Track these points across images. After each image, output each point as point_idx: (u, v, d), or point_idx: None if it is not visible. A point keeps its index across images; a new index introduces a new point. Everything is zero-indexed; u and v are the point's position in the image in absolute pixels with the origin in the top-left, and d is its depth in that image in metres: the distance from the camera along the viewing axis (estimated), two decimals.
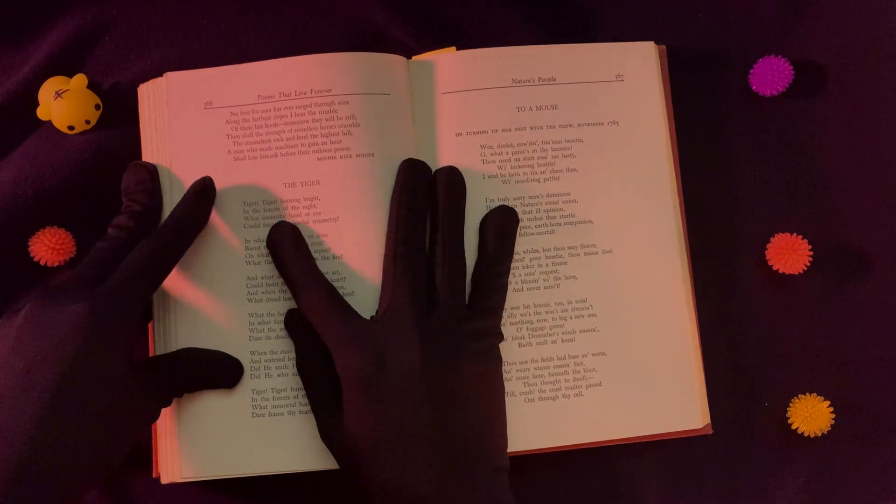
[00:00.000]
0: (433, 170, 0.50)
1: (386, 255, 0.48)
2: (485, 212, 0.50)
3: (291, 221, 0.49)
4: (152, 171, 0.49)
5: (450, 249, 0.48)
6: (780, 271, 0.53)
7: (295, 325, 0.48)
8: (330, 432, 0.46)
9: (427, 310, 0.46)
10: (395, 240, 0.47)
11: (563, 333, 0.50)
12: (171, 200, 0.49)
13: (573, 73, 0.52)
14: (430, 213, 0.49)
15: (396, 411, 0.44)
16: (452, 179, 0.49)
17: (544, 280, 0.50)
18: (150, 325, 0.50)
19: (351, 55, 0.50)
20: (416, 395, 0.44)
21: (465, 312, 0.47)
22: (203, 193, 0.48)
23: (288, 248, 0.47)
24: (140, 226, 0.47)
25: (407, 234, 0.47)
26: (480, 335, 0.47)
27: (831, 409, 0.51)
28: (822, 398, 0.52)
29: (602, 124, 0.52)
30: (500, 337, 0.48)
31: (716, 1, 0.57)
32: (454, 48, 0.53)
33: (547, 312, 0.50)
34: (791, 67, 0.54)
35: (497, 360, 0.47)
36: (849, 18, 0.56)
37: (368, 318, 0.47)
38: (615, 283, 0.51)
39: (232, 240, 0.49)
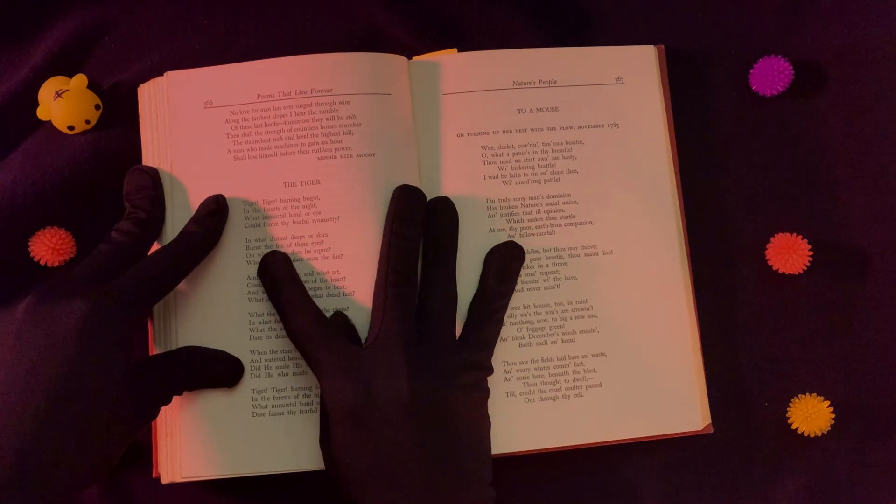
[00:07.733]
0: (431, 174, 0.50)
1: (377, 282, 0.47)
2: (485, 215, 0.50)
3: (291, 220, 0.49)
4: (154, 176, 0.49)
5: (442, 280, 0.48)
6: (780, 271, 0.53)
7: None
8: (324, 447, 0.45)
9: (417, 339, 0.45)
10: (387, 267, 0.47)
11: (563, 334, 0.50)
12: (171, 201, 0.49)
13: (574, 75, 0.52)
14: (423, 241, 0.48)
15: (383, 441, 0.43)
16: (446, 210, 0.49)
17: (544, 280, 0.50)
18: (149, 324, 0.50)
19: (352, 55, 0.50)
20: (403, 425, 0.43)
21: (456, 343, 0.47)
22: (215, 216, 0.48)
23: (278, 277, 0.47)
24: (144, 232, 0.48)
25: (399, 263, 0.47)
26: (469, 367, 0.46)
27: (831, 409, 0.51)
28: (822, 398, 0.52)
29: (602, 126, 0.52)
30: (490, 370, 0.48)
31: (716, 1, 0.57)
32: (455, 49, 0.53)
33: (547, 313, 0.50)
34: (791, 67, 0.54)
35: (484, 391, 0.47)
36: (849, 18, 0.56)
37: (364, 321, 0.47)
38: (615, 283, 0.51)
39: (232, 239, 0.49)
